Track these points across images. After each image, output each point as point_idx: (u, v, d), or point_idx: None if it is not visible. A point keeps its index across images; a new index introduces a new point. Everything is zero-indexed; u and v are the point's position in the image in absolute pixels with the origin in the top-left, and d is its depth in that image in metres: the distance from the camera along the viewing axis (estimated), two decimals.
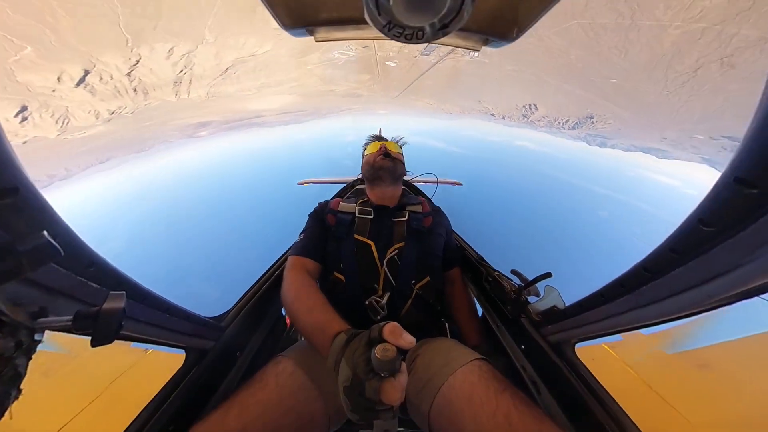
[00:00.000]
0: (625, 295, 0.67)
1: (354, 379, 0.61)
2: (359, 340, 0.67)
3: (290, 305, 0.98)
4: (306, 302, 0.94)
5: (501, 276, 1.31)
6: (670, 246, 0.54)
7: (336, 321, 0.83)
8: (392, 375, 0.59)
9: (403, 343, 0.60)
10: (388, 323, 0.64)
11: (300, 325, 0.91)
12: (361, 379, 0.60)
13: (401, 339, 0.60)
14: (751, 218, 0.40)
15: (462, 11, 0.42)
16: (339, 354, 0.69)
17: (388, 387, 0.58)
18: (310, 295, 0.97)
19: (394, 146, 1.54)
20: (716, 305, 0.50)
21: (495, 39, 0.87)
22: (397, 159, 1.47)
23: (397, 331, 0.62)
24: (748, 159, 0.38)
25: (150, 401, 0.80)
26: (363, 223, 1.28)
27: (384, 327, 0.63)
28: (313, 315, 0.88)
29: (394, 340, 0.60)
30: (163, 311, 0.76)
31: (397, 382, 0.59)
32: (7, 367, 0.36)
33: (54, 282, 0.48)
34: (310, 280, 1.08)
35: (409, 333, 0.60)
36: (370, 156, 1.49)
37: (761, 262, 0.40)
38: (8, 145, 0.35)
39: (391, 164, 1.41)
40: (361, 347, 0.65)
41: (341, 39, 0.94)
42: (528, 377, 1.04)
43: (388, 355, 0.58)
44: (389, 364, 0.58)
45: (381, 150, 1.46)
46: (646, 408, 1.25)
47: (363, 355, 0.63)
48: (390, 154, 1.44)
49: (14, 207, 0.37)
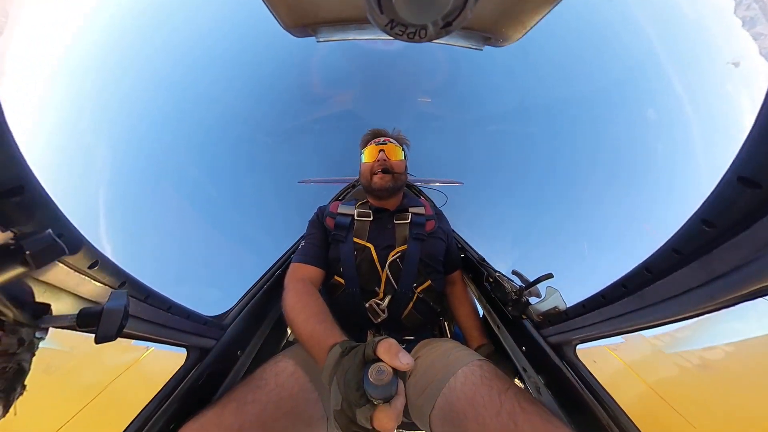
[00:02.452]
0: (627, 296, 0.66)
1: (344, 404, 0.56)
2: (352, 357, 0.61)
3: (288, 315, 0.97)
4: (303, 311, 0.93)
5: (502, 277, 1.31)
6: (672, 246, 0.54)
7: (332, 331, 0.80)
8: (387, 401, 0.52)
9: (398, 365, 0.53)
10: (384, 339, 0.58)
11: (297, 335, 0.90)
12: (352, 404, 0.54)
13: (397, 359, 0.54)
14: (754, 218, 0.40)
15: (465, 9, 0.42)
16: (332, 369, 0.65)
17: (382, 415, 0.52)
18: (307, 303, 0.96)
19: (395, 151, 1.38)
20: (719, 307, 0.50)
21: (497, 38, 0.87)
22: (398, 171, 1.34)
23: (393, 350, 0.55)
24: (751, 158, 0.38)
25: (151, 399, 0.80)
26: (362, 226, 1.27)
27: (378, 344, 0.57)
28: (309, 324, 0.87)
29: (389, 360, 0.54)
30: (165, 310, 0.76)
31: (392, 408, 0.52)
32: (11, 364, 0.36)
33: (58, 280, 0.48)
34: (308, 288, 1.06)
35: (409, 332, 0.58)
36: (367, 166, 1.36)
37: (765, 262, 0.40)
38: (14, 143, 0.36)
39: (391, 184, 1.30)
40: (354, 366, 0.59)
41: (343, 39, 0.94)
42: (529, 378, 1.04)
43: (382, 379, 0.52)
44: (384, 390, 0.52)
45: (380, 161, 1.32)
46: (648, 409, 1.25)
47: (355, 375, 0.57)
48: (390, 170, 1.31)
49: (20, 205, 0.38)
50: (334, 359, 0.67)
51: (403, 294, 1.14)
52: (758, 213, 0.39)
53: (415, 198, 1.59)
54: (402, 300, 1.13)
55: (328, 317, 0.89)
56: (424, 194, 2.41)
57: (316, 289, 1.13)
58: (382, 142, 1.41)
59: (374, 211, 1.34)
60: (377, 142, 1.42)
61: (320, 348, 0.75)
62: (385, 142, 1.41)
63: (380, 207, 1.37)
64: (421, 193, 2.45)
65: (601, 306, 0.75)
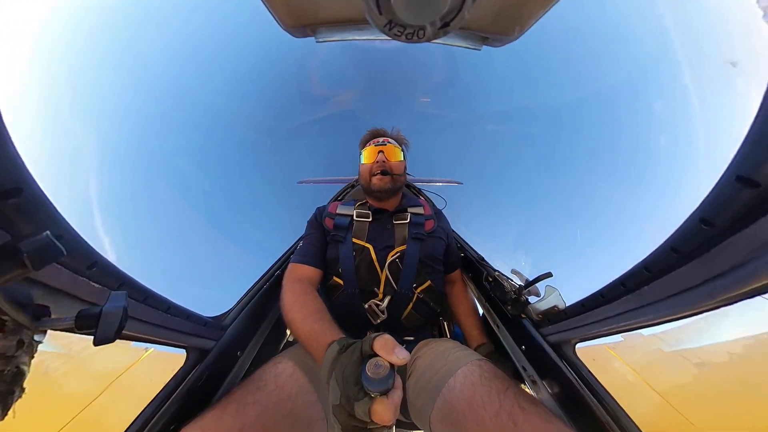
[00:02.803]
0: (626, 295, 0.67)
1: (343, 399, 0.57)
2: (350, 353, 0.63)
3: (287, 314, 0.98)
4: (301, 310, 0.94)
5: (501, 276, 1.31)
6: (671, 245, 0.54)
7: (330, 329, 0.80)
8: (384, 394, 0.54)
9: (395, 360, 0.55)
10: (380, 336, 0.60)
11: (295, 334, 0.91)
12: (351, 398, 0.56)
13: (393, 354, 0.56)
14: (752, 217, 0.40)
15: (463, 9, 0.42)
16: (330, 367, 0.66)
17: (380, 408, 0.53)
18: (305, 302, 0.97)
19: (394, 153, 1.38)
20: (717, 306, 0.50)
21: (495, 37, 0.87)
22: (397, 173, 1.34)
23: (390, 345, 0.57)
24: (749, 158, 0.38)
25: (152, 400, 0.80)
26: (361, 226, 1.27)
27: (375, 340, 0.59)
28: (307, 323, 0.87)
29: (385, 355, 0.56)
30: (164, 311, 0.76)
31: (390, 401, 0.54)
32: (9, 366, 0.36)
33: (57, 282, 0.48)
34: (306, 288, 1.06)
35: (409, 333, 0.58)
36: (366, 167, 1.36)
37: (763, 261, 0.40)
38: (13, 146, 0.36)
39: (390, 185, 1.31)
40: (351, 362, 0.61)
41: (343, 39, 0.94)
42: (528, 377, 1.04)
43: (380, 373, 0.54)
44: (381, 383, 0.54)
45: (379, 163, 1.32)
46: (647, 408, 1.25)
47: (353, 371, 0.59)
48: (389, 171, 1.31)
49: (18, 207, 0.38)
50: (332, 356, 0.68)
51: (402, 294, 1.14)
52: (757, 212, 0.40)
53: (414, 198, 1.59)
54: (402, 300, 1.13)
55: (326, 315, 0.89)
56: (424, 194, 2.41)
57: (315, 289, 1.13)
58: (381, 142, 1.40)
59: (373, 211, 1.34)
60: (376, 142, 1.41)
61: (318, 345, 0.76)
62: (384, 142, 1.40)
63: (379, 207, 1.37)
64: (421, 192, 2.45)
65: (601, 305, 0.76)
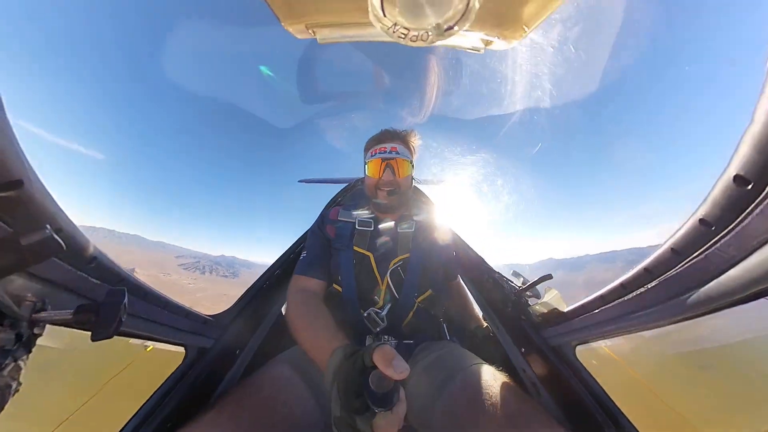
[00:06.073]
0: (626, 296, 0.66)
1: (344, 411, 0.55)
2: (351, 364, 0.61)
3: (291, 322, 0.98)
4: (305, 318, 0.94)
5: (501, 278, 1.31)
6: (671, 246, 0.54)
7: (334, 337, 0.80)
8: (388, 408, 0.52)
9: (393, 374, 0.51)
10: (379, 347, 0.56)
11: (300, 342, 0.91)
12: (352, 412, 0.54)
13: (391, 368, 0.51)
14: (750, 216, 0.40)
15: (467, 12, 0.42)
16: (334, 375, 0.64)
17: (383, 423, 0.51)
18: (308, 310, 0.97)
19: (402, 168, 1.24)
20: (717, 308, 0.50)
21: (499, 39, 0.87)
22: (404, 189, 1.26)
23: (388, 357, 0.53)
24: (746, 158, 0.38)
25: (149, 398, 0.80)
26: (363, 234, 1.25)
27: (374, 352, 0.55)
28: (310, 330, 0.88)
29: (383, 369, 0.52)
30: (163, 308, 0.76)
31: (394, 416, 0.52)
32: (7, 360, 0.36)
33: (55, 276, 0.48)
34: (310, 297, 1.07)
35: (409, 336, 0.57)
36: (372, 182, 1.26)
37: (762, 260, 0.40)
38: (14, 138, 0.36)
39: (396, 202, 1.26)
40: (354, 373, 0.58)
41: (345, 40, 0.95)
42: (528, 379, 1.04)
43: (384, 387, 0.51)
44: (385, 399, 0.51)
45: (385, 181, 1.22)
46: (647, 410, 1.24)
47: (354, 383, 0.56)
48: (396, 191, 1.22)
49: (18, 200, 0.37)
50: (335, 363, 0.67)
51: (403, 303, 1.12)
52: (754, 210, 0.40)
53: (418, 203, 1.57)
54: (402, 309, 1.12)
55: (330, 322, 0.89)
56: (429, 198, 2.39)
57: (320, 299, 1.12)
58: (389, 154, 1.24)
59: (375, 220, 1.31)
60: (383, 152, 1.25)
61: (323, 352, 0.75)
62: (392, 153, 1.24)
63: (383, 216, 1.34)
64: (425, 196, 2.43)
65: (601, 307, 0.75)
